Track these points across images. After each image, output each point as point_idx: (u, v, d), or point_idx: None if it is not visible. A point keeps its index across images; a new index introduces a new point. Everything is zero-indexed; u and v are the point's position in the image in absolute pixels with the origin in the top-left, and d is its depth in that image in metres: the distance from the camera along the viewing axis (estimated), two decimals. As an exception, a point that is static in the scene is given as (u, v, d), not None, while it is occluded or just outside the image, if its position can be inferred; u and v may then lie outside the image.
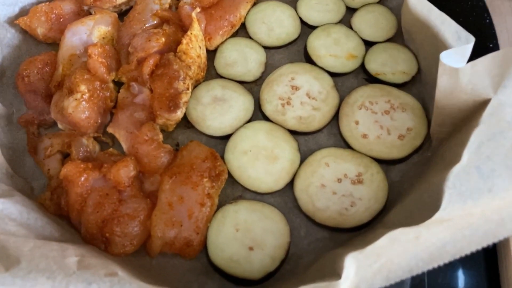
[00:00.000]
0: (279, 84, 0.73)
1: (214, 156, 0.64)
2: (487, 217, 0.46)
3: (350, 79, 0.75)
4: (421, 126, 0.68)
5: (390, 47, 0.75)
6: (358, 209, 0.62)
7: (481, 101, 0.57)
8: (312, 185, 0.65)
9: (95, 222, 0.59)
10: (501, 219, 0.46)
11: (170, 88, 0.68)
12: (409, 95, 0.71)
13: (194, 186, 0.62)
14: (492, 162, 0.50)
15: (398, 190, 0.66)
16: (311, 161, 0.67)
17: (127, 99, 0.70)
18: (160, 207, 0.61)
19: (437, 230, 0.47)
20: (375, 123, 0.69)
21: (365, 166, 0.66)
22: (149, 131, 0.65)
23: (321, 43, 0.76)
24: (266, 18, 0.79)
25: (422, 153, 0.68)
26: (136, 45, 0.71)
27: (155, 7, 0.77)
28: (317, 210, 0.63)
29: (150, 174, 0.65)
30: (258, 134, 0.68)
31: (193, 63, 0.71)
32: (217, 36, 0.76)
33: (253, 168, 0.66)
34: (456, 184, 0.50)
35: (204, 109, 0.71)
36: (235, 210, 0.63)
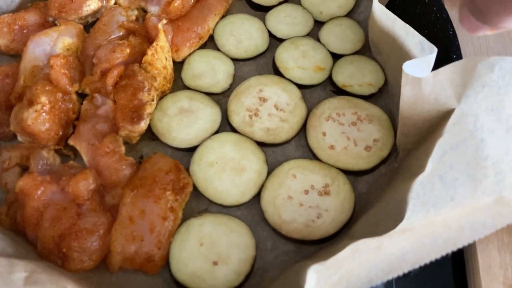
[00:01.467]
0: (247, 95, 0.72)
1: (178, 168, 0.63)
2: (447, 225, 0.46)
3: (318, 91, 0.75)
4: (388, 137, 0.68)
5: (357, 60, 0.76)
6: (324, 221, 0.61)
7: (445, 111, 0.57)
8: (279, 197, 0.64)
9: (51, 237, 0.57)
10: (460, 227, 0.46)
11: (134, 99, 0.67)
12: (375, 106, 0.71)
13: (156, 200, 0.60)
14: (454, 171, 0.50)
15: (365, 201, 0.65)
16: (278, 173, 0.66)
17: (90, 111, 0.68)
18: (121, 221, 0.59)
19: (398, 239, 0.46)
20: (342, 134, 0.69)
21: (332, 177, 0.65)
22: (110, 143, 0.63)
23: (289, 55, 0.76)
24: (235, 30, 0.79)
25: (389, 164, 0.68)
26: (100, 56, 0.70)
27: (121, 18, 0.76)
28: (283, 222, 0.62)
29: (111, 187, 0.63)
30: (225, 146, 0.67)
31: (158, 74, 0.70)
32: (185, 48, 0.75)
33: (219, 180, 0.64)
34: (419, 193, 0.50)
35: (170, 121, 0.69)
36: (200, 223, 0.61)
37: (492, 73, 0.53)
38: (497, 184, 0.46)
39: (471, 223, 0.45)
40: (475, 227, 0.45)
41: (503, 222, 0.45)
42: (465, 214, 0.46)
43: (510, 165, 0.47)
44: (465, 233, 0.45)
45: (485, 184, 0.47)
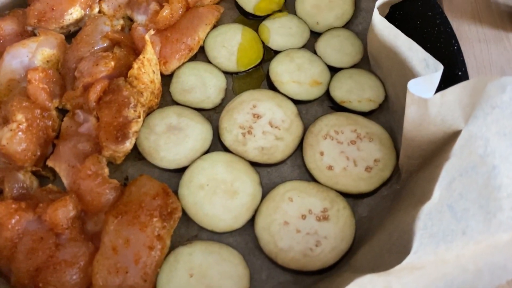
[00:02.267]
0: (240, 111, 0.68)
1: (165, 192, 0.58)
2: (463, 267, 0.42)
3: (314, 107, 0.71)
4: (389, 157, 0.64)
5: (356, 74, 0.72)
6: (323, 249, 0.57)
7: (452, 133, 0.53)
8: (275, 223, 0.59)
9: (27, 270, 0.52)
10: (478, 270, 0.42)
11: (119, 116, 0.62)
12: (376, 124, 0.67)
13: (142, 227, 0.55)
14: (465, 200, 0.47)
15: (367, 226, 0.61)
16: (273, 196, 0.62)
17: (71, 129, 0.64)
18: (103, 251, 0.54)
19: (408, 280, 0.42)
20: (341, 154, 0.65)
21: (331, 200, 0.61)
22: (93, 165, 0.59)
23: (284, 68, 0.72)
24: (227, 41, 0.74)
25: (391, 186, 0.64)
26: (83, 70, 0.65)
27: (106, 28, 0.71)
28: (280, 251, 0.57)
29: (93, 213, 0.58)
30: (217, 166, 0.63)
31: (145, 89, 0.65)
32: (173, 60, 0.71)
33: (210, 204, 0.60)
34: (427, 224, 0.46)
35: (157, 139, 0.65)
36: (190, 252, 0.57)
37: (504, 94, 0.49)
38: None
39: (489, 266, 0.42)
40: (495, 270, 0.41)
41: (525, 265, 0.41)
42: (481, 254, 0.42)
43: (529, 198, 0.43)
44: (483, 277, 0.41)
45: (500, 218, 0.43)
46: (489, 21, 0.81)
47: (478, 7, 0.82)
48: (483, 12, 0.82)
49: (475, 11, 0.82)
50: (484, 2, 0.83)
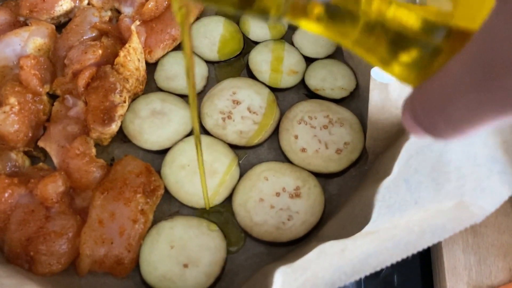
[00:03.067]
0: (220, 98, 0.72)
1: (149, 171, 0.63)
2: (409, 229, 0.47)
3: (291, 94, 0.76)
4: (358, 140, 0.69)
5: (330, 64, 0.77)
6: (295, 223, 0.62)
7: (412, 116, 0.58)
8: (251, 200, 0.64)
9: (18, 240, 0.56)
10: (422, 231, 0.47)
11: (105, 101, 0.66)
12: (347, 110, 0.72)
13: (126, 202, 0.60)
14: (419, 174, 0.51)
15: (336, 203, 0.66)
16: (250, 175, 0.66)
17: (61, 112, 0.68)
18: (90, 224, 0.59)
19: (362, 242, 0.47)
20: (313, 137, 0.70)
21: (303, 180, 0.66)
22: (81, 145, 0.63)
23: (263, 58, 0.76)
24: (209, 32, 0.79)
25: (359, 167, 0.69)
26: (72, 57, 0.69)
27: (94, 19, 0.75)
28: (254, 225, 0.62)
29: (81, 189, 0.62)
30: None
31: (131, 76, 0.69)
32: (158, 50, 0.75)
33: (191, 183, 0.64)
34: (385, 196, 0.51)
35: (141, 123, 0.69)
36: (171, 226, 0.61)
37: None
38: (459, 188, 0.48)
39: (432, 227, 0.47)
40: (435, 230, 0.46)
41: (461, 225, 0.46)
42: (427, 218, 0.47)
43: (471, 170, 0.48)
44: (425, 236, 0.46)
45: (448, 188, 0.48)
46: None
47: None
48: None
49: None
50: None
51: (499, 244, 0.64)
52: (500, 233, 0.65)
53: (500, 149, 0.48)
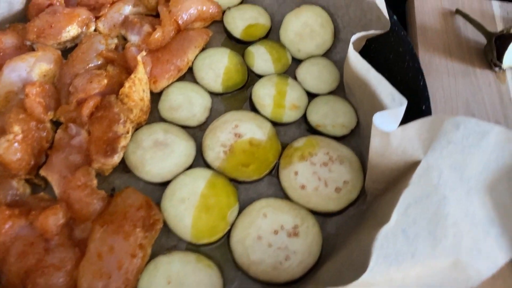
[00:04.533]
0: (223, 131, 0.73)
1: (149, 205, 0.63)
2: (406, 286, 0.48)
3: (292, 129, 0.77)
4: (358, 179, 0.70)
5: (332, 100, 0.78)
6: (292, 263, 0.62)
7: (412, 162, 0.59)
8: (249, 237, 0.64)
9: (17, 272, 0.56)
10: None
11: (109, 131, 0.67)
12: (347, 148, 0.73)
13: (126, 236, 0.60)
14: (417, 226, 0.52)
15: (333, 242, 0.67)
16: (249, 211, 0.67)
17: (64, 140, 0.68)
18: (89, 257, 0.59)
19: (358, 295, 0.47)
20: (313, 174, 0.70)
21: (301, 218, 0.66)
22: (82, 176, 0.63)
23: (266, 92, 0.77)
24: (214, 64, 0.80)
25: (358, 206, 0.70)
26: (77, 86, 0.70)
27: (101, 47, 0.76)
28: (252, 263, 0.63)
29: (81, 221, 0.62)
30: (198, 182, 0.68)
31: (135, 106, 0.70)
32: (163, 80, 0.76)
33: (190, 217, 0.65)
34: (383, 245, 0.52)
35: (144, 154, 0.70)
36: (168, 261, 0.62)
37: (458, 131, 0.55)
38: (455, 245, 0.48)
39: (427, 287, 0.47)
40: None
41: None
42: (423, 276, 0.48)
43: (468, 228, 0.49)
44: (422, 296, 0.47)
45: (444, 244, 0.49)
46: (459, 56, 0.87)
47: (450, 42, 0.89)
48: (454, 47, 0.88)
49: (446, 46, 0.88)
50: (455, 38, 0.90)
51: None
52: (493, 279, 0.66)
53: (497, 211, 0.49)
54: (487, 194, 0.50)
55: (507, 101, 0.82)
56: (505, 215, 0.48)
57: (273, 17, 0.87)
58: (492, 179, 0.51)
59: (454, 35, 0.90)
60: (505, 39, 0.82)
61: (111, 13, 0.80)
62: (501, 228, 0.48)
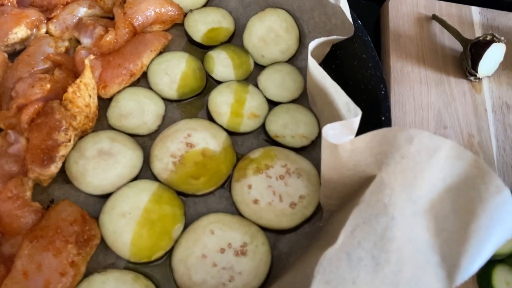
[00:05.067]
0: (174, 140, 0.68)
1: (84, 219, 0.59)
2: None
3: (250, 139, 0.72)
4: (314, 194, 0.65)
5: (293, 109, 0.73)
6: (236, 285, 0.58)
7: (366, 177, 0.55)
8: (193, 255, 0.60)
9: None
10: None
11: (48, 139, 0.63)
12: (306, 160, 0.68)
13: (56, 253, 0.56)
14: (361, 249, 0.47)
15: (284, 262, 0.62)
16: (195, 228, 0.62)
17: (2, 148, 0.64)
18: (14, 275, 0.54)
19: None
20: (268, 188, 0.66)
21: (251, 235, 0.62)
22: (14, 187, 0.59)
23: (224, 99, 0.73)
24: (170, 69, 0.75)
25: (313, 223, 0.65)
26: (18, 91, 0.66)
27: (49, 50, 0.72)
28: (193, 284, 0.58)
29: (10, 235, 0.58)
30: (141, 195, 0.63)
31: (79, 112, 0.66)
32: (114, 85, 0.72)
33: (130, 233, 0.60)
34: (326, 269, 0.47)
35: (86, 164, 0.65)
36: (103, 280, 0.57)
37: (411, 145, 0.50)
38: (396, 274, 0.43)
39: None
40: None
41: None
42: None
43: (411, 254, 0.44)
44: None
45: (385, 271, 0.44)
46: (433, 64, 0.83)
47: (424, 49, 0.84)
48: (428, 55, 0.84)
49: (420, 53, 0.84)
50: (430, 45, 0.85)
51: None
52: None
53: (440, 237, 0.44)
54: (431, 217, 0.45)
55: (482, 112, 0.77)
56: (446, 241, 0.43)
57: (237, 21, 0.83)
58: (438, 200, 0.46)
59: (429, 42, 0.85)
60: (480, 47, 0.77)
61: (63, 14, 0.76)
62: (441, 257, 0.43)
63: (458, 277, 0.41)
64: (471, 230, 0.42)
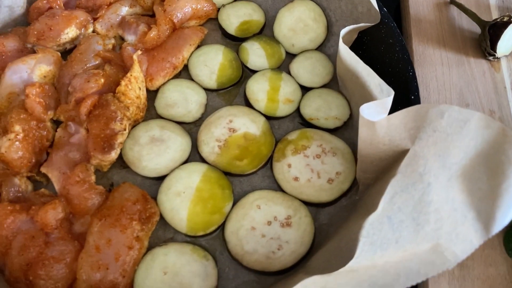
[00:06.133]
0: (217, 126, 0.75)
1: (145, 199, 0.65)
2: (385, 271, 0.49)
3: (286, 122, 0.78)
4: (350, 170, 0.71)
5: (325, 93, 0.79)
6: (284, 253, 0.64)
7: (400, 151, 0.60)
8: (243, 228, 0.66)
9: (19, 265, 0.59)
10: (397, 273, 0.48)
11: (106, 128, 0.69)
12: (340, 140, 0.74)
13: (123, 229, 0.62)
14: (401, 213, 0.53)
15: (326, 232, 0.68)
16: (243, 204, 0.68)
17: (64, 139, 0.71)
18: (87, 249, 0.61)
19: (342, 281, 0.49)
20: (306, 166, 0.72)
21: (294, 209, 0.68)
22: (81, 172, 0.66)
23: (260, 87, 0.79)
24: (209, 61, 0.81)
25: (350, 197, 0.71)
26: (75, 85, 0.72)
27: (98, 47, 0.78)
28: (245, 253, 0.64)
29: (80, 215, 0.65)
30: (193, 176, 0.70)
31: (131, 103, 0.72)
32: (159, 78, 0.78)
33: (185, 210, 0.67)
34: (369, 232, 0.53)
35: (141, 150, 0.72)
36: (165, 252, 0.64)
37: (442, 119, 0.56)
38: (436, 230, 0.49)
39: (406, 270, 0.48)
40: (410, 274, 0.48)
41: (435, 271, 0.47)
42: (403, 260, 0.49)
43: (448, 213, 0.50)
44: (400, 280, 0.48)
45: (426, 230, 0.50)
46: (453, 46, 0.87)
47: (444, 32, 0.89)
48: (448, 37, 0.88)
49: (440, 36, 0.88)
50: (450, 28, 0.90)
51: (484, 277, 0.66)
52: (486, 266, 0.66)
53: (475, 196, 0.50)
54: (465, 180, 0.51)
55: (501, 90, 0.82)
56: (481, 199, 0.49)
57: (267, 13, 0.88)
58: (471, 165, 0.51)
59: (448, 26, 0.90)
60: (498, 28, 0.82)
61: (108, 14, 0.82)
62: (477, 212, 0.49)
63: (494, 228, 0.47)
64: (503, 188, 0.48)
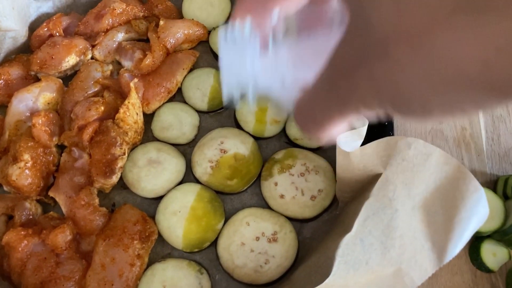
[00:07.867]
0: (210, 147, 0.81)
1: (144, 219, 0.72)
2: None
3: (273, 142, 0.85)
4: (331, 187, 0.78)
5: (309, 114, 0.85)
6: (270, 266, 0.71)
7: (374, 175, 0.67)
8: (233, 244, 0.73)
9: (33, 284, 0.66)
10: (363, 295, 0.56)
11: (107, 154, 0.75)
12: (322, 158, 0.81)
13: (125, 248, 0.69)
14: (371, 236, 0.60)
15: (309, 246, 0.76)
16: (234, 221, 0.75)
17: (68, 163, 0.77)
18: (94, 268, 0.68)
19: (318, 298, 0.56)
20: (291, 184, 0.78)
21: (280, 225, 0.75)
22: (86, 196, 0.72)
23: (249, 109, 0.85)
24: (201, 84, 0.87)
25: (331, 212, 0.78)
26: (77, 113, 0.78)
27: (97, 74, 0.84)
28: (236, 267, 0.72)
29: (86, 235, 0.72)
30: (188, 196, 0.76)
31: (130, 129, 0.78)
32: (155, 102, 0.84)
33: (181, 228, 0.74)
34: (344, 252, 0.60)
35: (139, 171, 0.78)
36: (163, 268, 0.71)
37: (409, 150, 0.62)
38: (400, 255, 0.56)
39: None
40: (375, 295, 0.55)
41: (394, 295, 0.55)
42: (370, 283, 0.56)
43: (410, 241, 0.57)
44: (366, 302, 0.55)
45: (392, 254, 0.57)
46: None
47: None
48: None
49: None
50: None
51: (451, 284, 0.73)
52: (452, 275, 0.74)
53: (431, 228, 0.57)
54: (425, 211, 0.58)
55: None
56: (436, 231, 0.56)
57: (255, 35, 0.94)
58: (430, 198, 0.58)
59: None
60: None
61: (105, 40, 0.88)
62: (432, 243, 0.56)
63: (445, 258, 0.54)
64: (455, 222, 0.55)
